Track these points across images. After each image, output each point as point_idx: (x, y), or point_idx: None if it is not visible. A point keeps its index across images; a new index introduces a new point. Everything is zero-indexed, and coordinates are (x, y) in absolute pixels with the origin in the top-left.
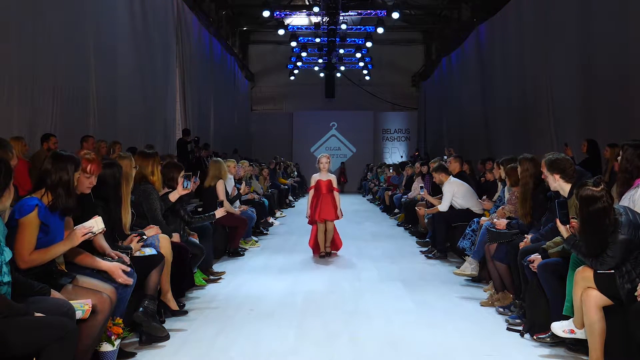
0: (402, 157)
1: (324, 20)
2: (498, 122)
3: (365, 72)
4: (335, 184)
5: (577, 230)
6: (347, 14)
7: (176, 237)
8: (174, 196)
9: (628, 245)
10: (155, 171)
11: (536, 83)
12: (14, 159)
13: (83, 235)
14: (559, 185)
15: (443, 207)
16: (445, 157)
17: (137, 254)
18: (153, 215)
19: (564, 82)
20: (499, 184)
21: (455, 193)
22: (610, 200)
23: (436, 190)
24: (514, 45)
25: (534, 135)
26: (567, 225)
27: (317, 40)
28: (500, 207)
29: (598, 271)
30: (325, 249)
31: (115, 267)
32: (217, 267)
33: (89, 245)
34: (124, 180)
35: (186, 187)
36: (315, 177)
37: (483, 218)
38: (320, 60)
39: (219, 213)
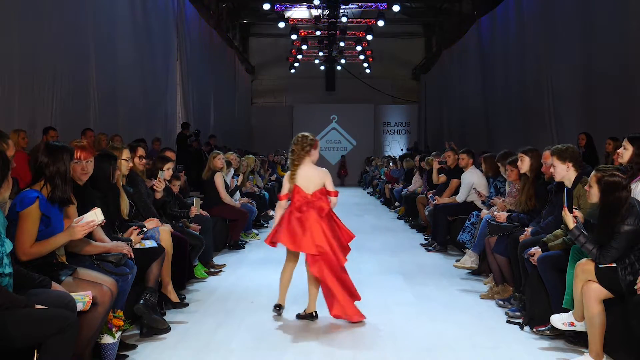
0: (402, 150)
1: (324, 13)
2: (498, 115)
3: (365, 65)
4: (330, 186)
5: (597, 215)
6: (347, 6)
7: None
8: (156, 194)
9: (633, 237)
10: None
11: (537, 76)
12: (11, 150)
13: (84, 230)
14: (570, 174)
15: (460, 197)
16: (446, 149)
17: (138, 246)
18: (139, 198)
19: (564, 75)
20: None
21: (476, 184)
22: (630, 189)
23: (432, 186)
24: (515, 38)
25: (534, 128)
26: (572, 215)
27: (318, 33)
28: (501, 200)
29: (600, 265)
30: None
31: (120, 242)
32: (217, 260)
33: (88, 237)
34: (119, 171)
35: (158, 178)
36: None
37: (483, 211)
38: (320, 53)
39: (192, 212)
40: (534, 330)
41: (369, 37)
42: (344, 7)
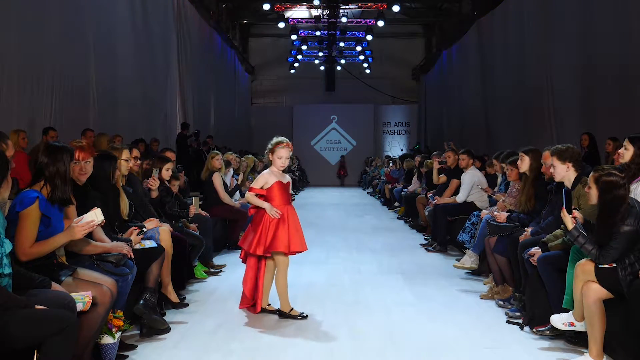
0: (402, 150)
1: (324, 13)
2: (498, 115)
3: (365, 65)
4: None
5: (596, 216)
6: (347, 6)
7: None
8: (152, 193)
9: (632, 237)
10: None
11: (537, 76)
12: (10, 150)
13: (84, 230)
14: (569, 174)
15: (460, 197)
16: (446, 149)
17: (137, 246)
18: (138, 198)
19: (564, 75)
20: (500, 177)
21: (477, 183)
22: (628, 188)
23: (432, 186)
24: (515, 38)
25: (535, 128)
26: (571, 216)
27: (318, 33)
28: (501, 200)
29: (600, 266)
30: (267, 303)
31: (119, 243)
32: (217, 260)
33: (88, 237)
34: (119, 171)
35: (152, 177)
36: (268, 176)
37: (484, 211)
38: (320, 54)
39: (191, 212)
40: (534, 330)
41: (369, 37)
42: (344, 7)
